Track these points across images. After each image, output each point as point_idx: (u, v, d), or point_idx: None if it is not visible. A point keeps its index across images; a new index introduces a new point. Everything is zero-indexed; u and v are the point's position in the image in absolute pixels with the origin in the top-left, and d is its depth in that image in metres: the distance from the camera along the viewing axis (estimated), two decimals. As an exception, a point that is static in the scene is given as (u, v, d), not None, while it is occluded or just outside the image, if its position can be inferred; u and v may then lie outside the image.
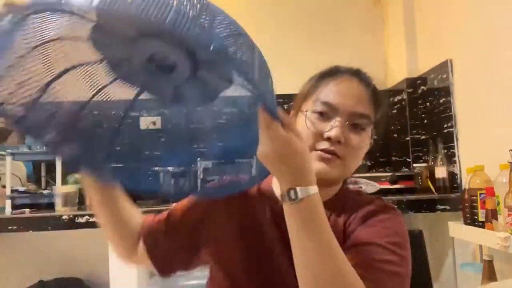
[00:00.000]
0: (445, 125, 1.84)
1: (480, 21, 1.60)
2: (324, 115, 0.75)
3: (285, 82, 2.27)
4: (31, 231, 1.51)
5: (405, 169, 2.11)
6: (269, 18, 2.47)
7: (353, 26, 2.46)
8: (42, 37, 0.54)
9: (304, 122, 0.76)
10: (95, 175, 0.69)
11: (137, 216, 0.83)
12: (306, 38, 2.44)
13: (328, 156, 0.73)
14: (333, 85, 0.77)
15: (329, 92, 0.76)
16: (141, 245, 0.81)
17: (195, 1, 0.47)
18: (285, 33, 2.45)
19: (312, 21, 2.46)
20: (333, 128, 0.73)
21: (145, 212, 0.88)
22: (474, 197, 1.37)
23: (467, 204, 1.42)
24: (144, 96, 0.69)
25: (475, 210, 1.37)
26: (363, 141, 0.76)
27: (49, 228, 1.49)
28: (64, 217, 1.49)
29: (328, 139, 0.73)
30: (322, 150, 0.73)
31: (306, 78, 0.84)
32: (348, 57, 0.85)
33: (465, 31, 1.70)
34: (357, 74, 0.79)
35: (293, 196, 0.57)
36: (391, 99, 2.28)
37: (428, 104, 2.03)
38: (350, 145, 0.74)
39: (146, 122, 2.48)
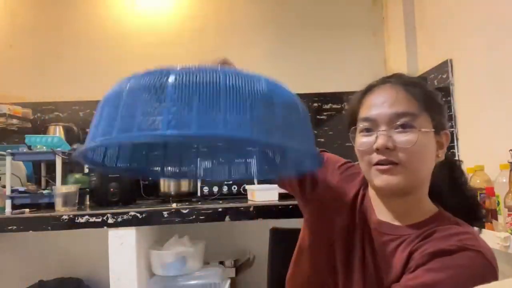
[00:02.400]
0: (445, 125, 1.84)
1: (480, 21, 1.59)
2: (369, 131, 0.76)
3: (286, 82, 2.28)
4: (31, 231, 1.51)
5: (405, 169, 2.11)
6: (269, 18, 2.47)
7: (353, 26, 2.46)
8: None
9: (354, 144, 0.80)
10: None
11: None
12: (306, 38, 2.44)
13: (385, 167, 0.73)
14: (369, 100, 0.78)
15: (367, 108, 0.78)
16: None
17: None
18: (285, 33, 2.45)
19: (312, 21, 2.46)
20: (378, 139, 0.73)
21: (143, 212, 0.89)
22: (474, 197, 1.37)
23: (467, 204, 1.42)
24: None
25: (475, 210, 1.37)
26: (415, 138, 0.72)
27: (49, 228, 1.49)
28: (64, 217, 1.49)
29: (377, 150, 0.74)
30: (377, 163, 0.74)
31: (307, 77, 0.87)
32: (348, 57, 0.87)
33: (465, 31, 1.70)
34: (388, 79, 0.80)
35: None
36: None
37: (428, 104, 2.03)
38: (402, 147, 0.72)
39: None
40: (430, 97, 0.78)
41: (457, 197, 0.83)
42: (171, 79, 0.52)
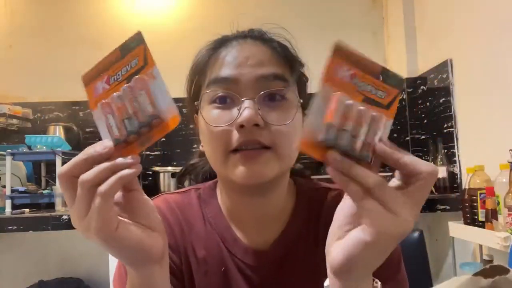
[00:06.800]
0: (445, 125, 1.84)
1: (480, 21, 1.60)
2: (227, 101, 0.53)
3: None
4: (31, 231, 1.51)
5: (405, 169, 2.11)
6: (268, 19, 2.47)
7: (353, 26, 2.46)
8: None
9: (204, 122, 0.53)
10: None
11: None
12: (305, 38, 2.43)
13: (252, 153, 0.50)
14: (224, 56, 0.55)
15: (221, 66, 0.54)
16: None
17: None
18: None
19: (311, 21, 2.46)
20: (243, 111, 0.49)
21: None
22: (474, 197, 1.37)
23: (467, 204, 1.42)
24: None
25: (475, 210, 1.37)
26: (292, 114, 0.52)
27: (49, 228, 1.49)
28: (64, 217, 1.49)
29: (242, 127, 0.49)
30: (242, 148, 0.51)
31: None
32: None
33: (465, 31, 1.70)
34: (249, 34, 0.60)
35: None
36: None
37: (428, 104, 2.03)
38: (275, 126, 0.51)
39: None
40: (301, 64, 0.61)
41: None
42: None
